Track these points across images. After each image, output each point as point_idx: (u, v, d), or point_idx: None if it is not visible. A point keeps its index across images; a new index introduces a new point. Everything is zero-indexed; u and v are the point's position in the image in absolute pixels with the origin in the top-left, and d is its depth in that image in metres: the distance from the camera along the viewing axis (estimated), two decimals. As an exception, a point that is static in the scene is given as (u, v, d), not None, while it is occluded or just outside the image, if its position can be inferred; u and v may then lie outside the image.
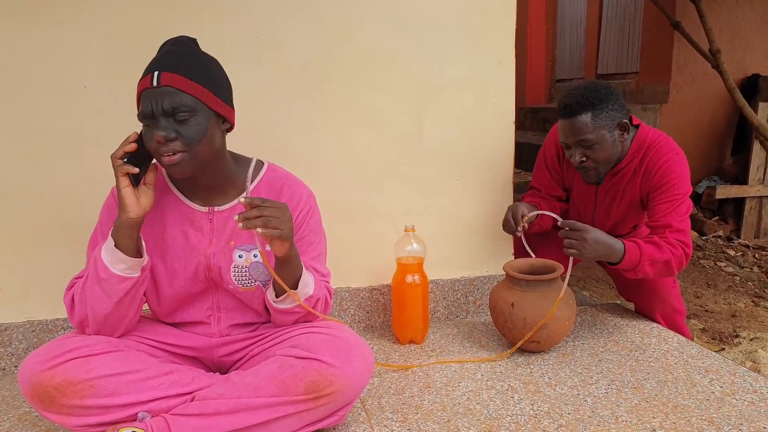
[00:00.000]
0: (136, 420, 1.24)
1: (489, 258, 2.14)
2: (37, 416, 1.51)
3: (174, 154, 1.21)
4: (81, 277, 1.33)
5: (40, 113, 1.70)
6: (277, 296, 1.36)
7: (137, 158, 1.25)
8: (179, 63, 1.23)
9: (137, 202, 1.24)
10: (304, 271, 1.34)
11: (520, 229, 1.81)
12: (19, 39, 1.66)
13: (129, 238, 1.25)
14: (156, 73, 1.21)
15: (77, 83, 1.71)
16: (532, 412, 1.47)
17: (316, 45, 1.86)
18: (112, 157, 1.23)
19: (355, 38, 1.89)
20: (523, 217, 1.81)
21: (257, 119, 1.83)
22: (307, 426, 1.28)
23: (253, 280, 1.39)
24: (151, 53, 1.71)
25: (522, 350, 1.83)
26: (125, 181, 1.22)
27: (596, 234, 1.70)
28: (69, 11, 1.67)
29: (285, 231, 1.21)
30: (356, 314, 2.05)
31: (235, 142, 1.43)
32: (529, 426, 1.41)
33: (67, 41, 1.68)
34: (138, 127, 1.28)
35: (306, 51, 1.85)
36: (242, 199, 1.19)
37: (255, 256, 1.38)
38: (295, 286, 1.33)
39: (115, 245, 1.24)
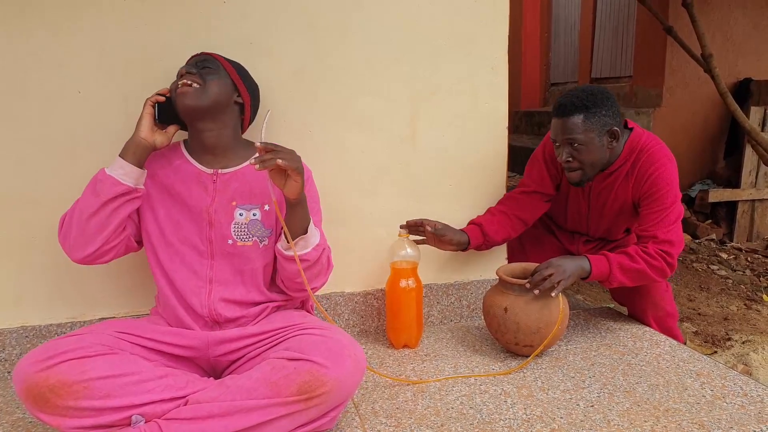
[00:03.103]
0: (130, 423, 1.24)
1: (482, 262, 2.15)
2: (30, 422, 1.50)
3: (190, 85, 1.42)
4: None
5: (34, 119, 1.70)
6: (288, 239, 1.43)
7: (167, 118, 1.50)
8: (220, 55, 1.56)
9: (151, 129, 1.46)
10: (311, 222, 1.45)
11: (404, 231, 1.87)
12: (12, 45, 1.66)
13: (133, 154, 1.42)
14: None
15: (71, 89, 1.71)
16: (524, 416, 1.48)
17: (310, 51, 1.87)
18: (147, 99, 1.48)
19: (348, 44, 1.90)
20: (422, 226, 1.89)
21: (251, 125, 1.83)
22: (299, 428, 1.29)
23: (250, 235, 1.50)
24: (145, 60, 1.73)
25: (515, 354, 1.83)
26: (149, 109, 1.47)
27: (557, 258, 1.78)
28: (63, 19, 1.67)
29: (299, 165, 1.34)
30: (350, 319, 2.05)
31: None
32: (521, 430, 1.41)
33: (60, 48, 1.68)
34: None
35: (299, 57, 1.86)
36: (258, 144, 1.30)
37: (254, 215, 1.51)
38: (304, 233, 1.43)
39: (119, 156, 1.42)
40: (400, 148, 2.00)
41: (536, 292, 1.71)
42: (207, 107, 1.45)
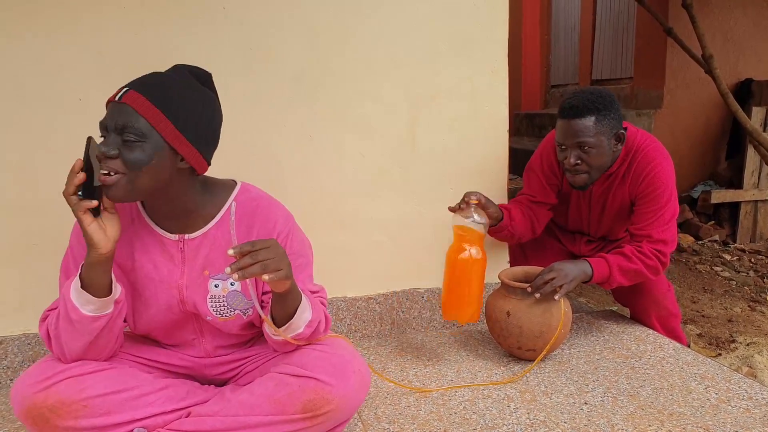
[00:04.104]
0: (132, 437, 1.23)
1: (484, 266, 2.14)
2: (31, 430, 1.50)
3: (111, 174, 1.12)
4: (54, 309, 1.26)
5: (35, 126, 1.70)
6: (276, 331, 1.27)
7: (91, 186, 1.12)
8: (153, 87, 1.16)
9: (105, 235, 1.14)
10: (302, 298, 1.26)
11: (473, 198, 1.74)
12: (12, 51, 1.66)
13: (104, 273, 1.17)
14: (125, 89, 1.16)
15: (72, 96, 1.71)
16: (528, 421, 1.47)
17: (309, 55, 1.86)
18: (65, 195, 1.11)
19: (348, 47, 1.90)
20: (470, 200, 1.74)
21: (251, 129, 1.83)
22: None
23: (232, 309, 1.33)
24: (146, 66, 1.71)
25: (518, 359, 1.83)
26: (88, 219, 1.12)
27: (559, 263, 1.77)
28: (62, 24, 1.67)
29: (285, 269, 1.12)
30: (352, 324, 2.04)
31: (228, 154, 1.43)
32: (525, 435, 1.41)
33: (60, 53, 1.68)
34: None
35: (299, 61, 1.86)
36: (231, 251, 1.08)
37: (232, 284, 1.31)
38: (293, 314, 1.24)
39: (82, 286, 1.17)
40: (400, 151, 2.00)
41: (537, 295, 1.71)
42: (140, 195, 1.17)
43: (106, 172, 1.12)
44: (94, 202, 1.11)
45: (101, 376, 1.24)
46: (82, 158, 1.11)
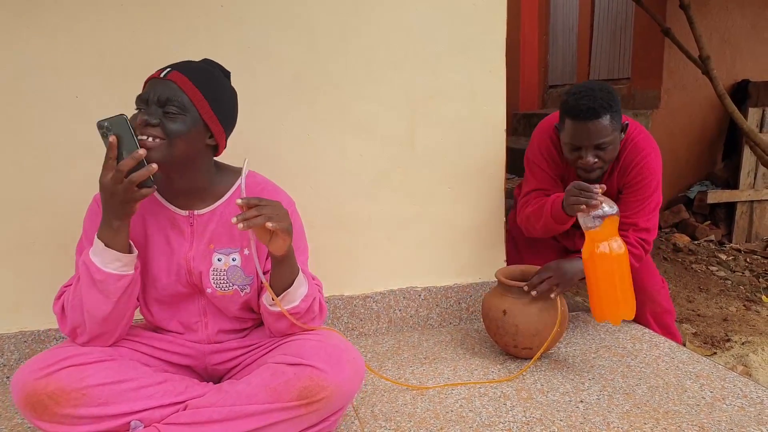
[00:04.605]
0: (129, 430, 1.24)
1: (481, 265, 2.15)
2: (29, 427, 1.50)
3: (151, 139, 1.22)
4: (70, 285, 1.33)
5: (32, 124, 1.70)
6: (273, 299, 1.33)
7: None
8: (194, 71, 1.30)
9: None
10: (299, 271, 1.33)
11: (598, 189, 1.61)
12: (10, 49, 1.66)
13: (127, 234, 1.25)
14: (168, 69, 1.28)
15: (69, 94, 1.71)
16: (524, 419, 1.48)
17: (308, 55, 1.87)
18: (124, 170, 1.15)
19: (347, 48, 1.90)
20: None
21: (250, 129, 1.83)
22: None
23: (230, 284, 1.39)
24: (144, 65, 1.72)
25: (515, 357, 1.83)
26: (146, 190, 1.19)
27: (556, 262, 1.78)
28: (61, 23, 1.68)
29: (287, 225, 1.21)
30: (349, 322, 2.05)
31: (228, 152, 1.44)
32: (521, 433, 1.41)
33: (59, 53, 1.69)
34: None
35: (298, 61, 1.86)
36: (239, 201, 1.17)
37: (233, 260, 1.39)
38: (290, 286, 1.31)
39: (105, 245, 1.23)
40: (399, 152, 2.00)
41: (534, 293, 1.72)
42: (172, 162, 1.26)
43: (145, 137, 1.22)
44: (154, 166, 1.18)
45: (102, 366, 1.26)
46: (115, 138, 1.16)
